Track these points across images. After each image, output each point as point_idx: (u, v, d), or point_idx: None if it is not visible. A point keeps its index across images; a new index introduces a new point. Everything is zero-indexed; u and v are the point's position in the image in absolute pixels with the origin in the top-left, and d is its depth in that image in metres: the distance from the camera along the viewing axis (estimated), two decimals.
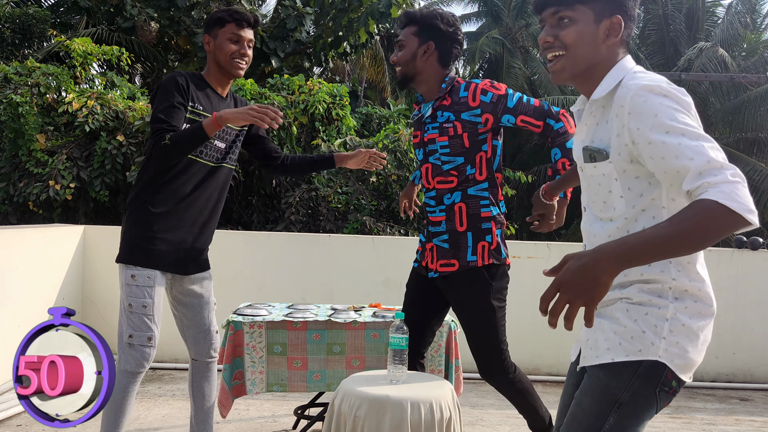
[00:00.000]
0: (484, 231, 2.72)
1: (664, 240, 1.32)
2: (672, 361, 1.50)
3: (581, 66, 1.58)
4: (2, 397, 3.96)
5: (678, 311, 1.51)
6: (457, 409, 2.47)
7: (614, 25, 1.56)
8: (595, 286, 1.32)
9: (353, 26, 11.45)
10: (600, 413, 1.53)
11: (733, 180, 1.31)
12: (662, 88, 1.44)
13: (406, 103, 21.27)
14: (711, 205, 1.29)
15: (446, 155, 2.73)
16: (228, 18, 2.71)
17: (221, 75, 2.77)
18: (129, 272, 2.64)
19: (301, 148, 7.76)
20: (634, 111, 1.44)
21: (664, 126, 1.40)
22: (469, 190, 2.72)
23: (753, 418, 4.46)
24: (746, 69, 16.33)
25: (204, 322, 2.88)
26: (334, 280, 5.22)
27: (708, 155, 1.35)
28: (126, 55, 8.78)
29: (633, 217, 1.53)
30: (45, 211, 7.06)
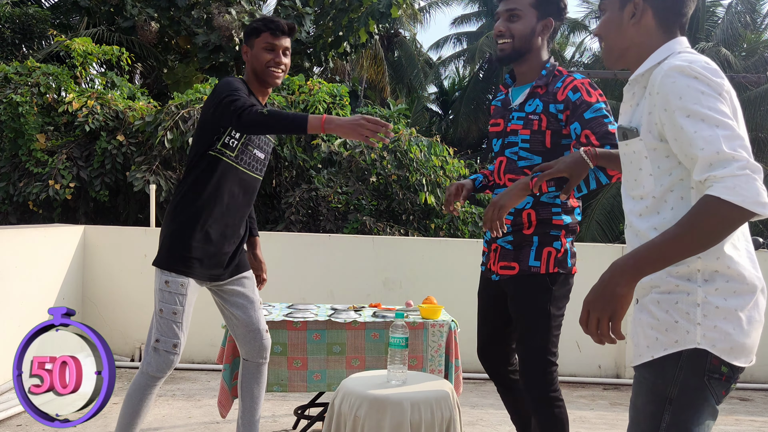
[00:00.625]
0: (552, 237, 2.46)
1: (672, 244, 1.35)
2: (714, 346, 1.44)
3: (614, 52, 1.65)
4: (2, 397, 3.96)
5: (708, 294, 1.45)
6: (457, 409, 2.47)
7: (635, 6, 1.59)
8: (613, 301, 1.37)
9: (353, 26, 11.45)
10: (655, 413, 1.49)
11: (740, 173, 1.31)
12: (693, 70, 1.43)
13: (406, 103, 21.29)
14: (713, 202, 1.31)
15: (525, 150, 2.47)
16: (263, 27, 2.70)
17: (259, 84, 2.76)
18: (164, 278, 2.63)
19: (301, 148, 7.77)
20: (662, 91, 1.45)
21: (686, 110, 1.41)
22: (542, 197, 2.44)
23: (753, 418, 4.46)
24: (746, 69, 16.33)
25: (252, 321, 2.86)
26: (334, 280, 5.22)
27: (718, 146, 1.34)
28: (126, 55, 8.78)
29: (662, 196, 1.51)
30: (45, 210, 7.07)
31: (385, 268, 5.24)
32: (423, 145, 7.29)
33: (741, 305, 1.46)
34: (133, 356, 5.17)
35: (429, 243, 5.64)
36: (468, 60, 23.40)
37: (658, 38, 1.59)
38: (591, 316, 1.41)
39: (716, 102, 1.40)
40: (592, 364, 5.23)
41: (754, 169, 1.32)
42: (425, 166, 7.22)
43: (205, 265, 2.68)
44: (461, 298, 5.10)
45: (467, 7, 24.29)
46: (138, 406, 2.63)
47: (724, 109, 1.40)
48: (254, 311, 2.87)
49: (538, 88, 2.47)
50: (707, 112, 1.39)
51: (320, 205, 7.25)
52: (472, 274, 5.24)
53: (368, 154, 7.13)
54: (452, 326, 3.44)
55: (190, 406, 4.14)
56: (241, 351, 2.92)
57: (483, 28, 23.26)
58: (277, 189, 7.86)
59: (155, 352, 2.61)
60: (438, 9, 24.38)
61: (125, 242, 5.21)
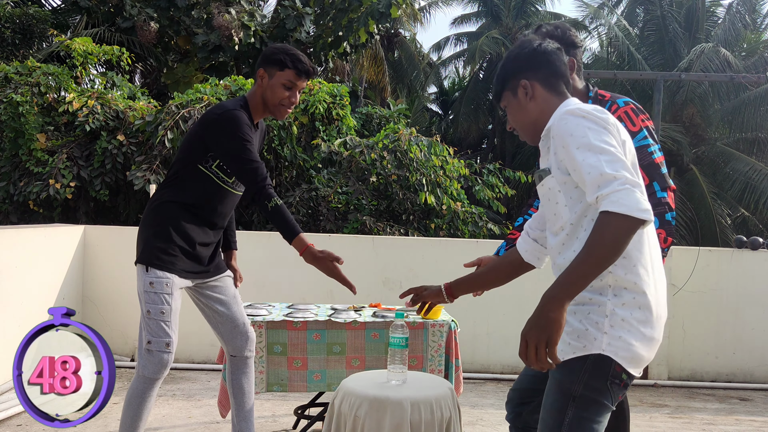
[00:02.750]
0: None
1: (585, 262, 1.53)
2: (617, 354, 1.63)
3: (528, 130, 1.89)
4: (2, 397, 3.96)
5: (616, 307, 1.65)
6: (457, 409, 2.47)
7: (524, 88, 1.84)
8: (548, 327, 1.52)
9: (353, 26, 11.45)
10: (560, 408, 1.68)
11: (620, 188, 1.53)
12: (581, 110, 1.69)
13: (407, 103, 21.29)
14: (604, 216, 1.53)
15: None
16: (290, 64, 2.69)
17: (264, 110, 2.79)
18: (147, 279, 2.65)
19: (301, 147, 7.77)
20: (557, 133, 1.70)
21: (576, 143, 1.64)
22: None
23: (753, 418, 4.46)
24: (746, 69, 16.32)
25: (236, 316, 2.90)
26: (334, 280, 5.21)
27: (601, 169, 1.57)
28: (126, 55, 8.79)
29: (577, 222, 1.71)
30: (45, 210, 7.07)
31: (385, 268, 5.24)
32: (423, 145, 7.29)
33: (644, 320, 1.66)
34: (132, 356, 5.17)
35: (429, 243, 5.63)
36: (468, 60, 23.38)
37: (553, 101, 1.84)
38: (529, 345, 1.55)
39: (601, 134, 1.64)
40: None
41: (634, 184, 1.54)
42: (425, 166, 7.21)
43: (187, 264, 2.71)
44: (461, 298, 5.10)
45: (467, 7, 24.28)
46: (139, 410, 2.64)
47: (609, 139, 1.63)
48: (236, 305, 2.91)
49: None
50: (593, 143, 1.62)
51: (320, 205, 7.25)
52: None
53: (368, 154, 7.13)
54: (452, 326, 3.44)
55: (190, 406, 4.14)
56: (227, 348, 2.93)
57: (483, 28, 23.25)
58: (277, 189, 7.86)
59: (149, 353, 2.62)
60: (438, 9, 24.42)
61: (125, 242, 5.21)
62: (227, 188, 2.76)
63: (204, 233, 2.76)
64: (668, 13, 17.57)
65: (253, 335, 2.96)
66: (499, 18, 22.50)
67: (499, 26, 22.17)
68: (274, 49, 2.75)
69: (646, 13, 18.80)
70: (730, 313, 5.28)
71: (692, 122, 16.66)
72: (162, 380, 2.70)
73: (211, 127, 2.65)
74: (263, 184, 2.58)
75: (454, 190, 7.47)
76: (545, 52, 1.85)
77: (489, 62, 21.96)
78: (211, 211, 2.75)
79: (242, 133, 2.62)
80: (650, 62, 17.23)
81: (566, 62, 1.89)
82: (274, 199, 2.57)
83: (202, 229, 2.75)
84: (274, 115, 2.77)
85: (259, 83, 2.75)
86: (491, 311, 5.22)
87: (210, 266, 2.83)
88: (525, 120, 1.87)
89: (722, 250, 5.54)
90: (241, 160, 2.60)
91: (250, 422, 2.94)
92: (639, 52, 17.23)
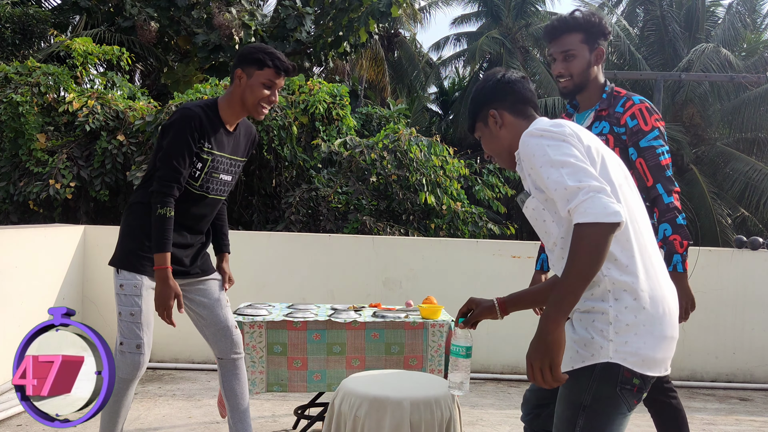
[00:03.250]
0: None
1: (571, 277, 1.55)
2: (625, 360, 1.63)
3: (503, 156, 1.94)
4: (2, 397, 3.97)
5: (619, 313, 1.64)
6: (457, 409, 2.47)
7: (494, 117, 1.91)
8: (548, 349, 1.55)
9: (353, 26, 11.45)
10: (570, 417, 1.69)
11: (585, 197, 1.55)
12: (538, 130, 1.73)
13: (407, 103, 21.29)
14: (577, 229, 1.55)
15: None
16: (269, 63, 2.66)
17: (241, 111, 2.74)
18: (118, 281, 2.67)
19: (301, 147, 7.77)
20: (523, 156, 1.75)
21: (538, 162, 1.69)
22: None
23: (753, 418, 4.47)
24: (746, 69, 16.32)
25: (219, 320, 2.89)
26: (334, 280, 5.22)
27: (564, 183, 1.60)
28: (126, 55, 8.79)
29: (567, 234, 1.72)
30: (45, 210, 7.07)
31: (385, 268, 5.24)
32: (423, 145, 7.29)
33: (651, 321, 1.65)
34: None
35: (429, 243, 5.64)
36: (468, 60, 23.37)
37: (523, 125, 1.88)
38: (534, 368, 1.58)
39: (560, 148, 1.67)
40: None
41: (597, 189, 1.56)
42: (425, 166, 7.22)
43: None
44: (461, 298, 5.10)
45: (467, 7, 24.27)
46: (116, 411, 2.68)
47: (568, 150, 1.66)
48: (221, 309, 2.90)
49: (602, 111, 2.66)
50: (553, 158, 1.65)
51: (320, 205, 7.25)
52: (472, 274, 5.26)
53: (368, 154, 7.13)
54: (452, 326, 3.44)
55: (190, 406, 4.14)
56: (213, 350, 2.93)
57: (483, 28, 23.24)
58: (277, 189, 7.86)
59: (121, 354, 2.65)
60: (438, 9, 24.38)
61: None
62: (195, 191, 2.72)
63: (179, 235, 2.73)
64: (668, 13, 17.57)
65: (239, 338, 2.94)
66: (499, 18, 22.49)
67: (499, 26, 22.16)
68: (251, 48, 2.72)
69: (646, 13, 18.79)
70: (730, 313, 5.28)
71: (692, 122, 16.67)
72: (137, 380, 2.73)
73: (163, 129, 2.67)
74: (163, 188, 2.57)
75: (454, 190, 7.48)
76: (509, 81, 1.94)
77: (489, 62, 21.95)
78: (182, 214, 2.71)
79: (175, 132, 2.60)
80: (650, 62, 17.23)
81: (531, 88, 1.95)
82: (167, 208, 2.56)
83: (178, 232, 2.71)
84: (252, 114, 2.73)
85: (237, 83, 2.70)
86: None
87: (191, 267, 2.81)
88: (499, 147, 1.94)
89: (722, 250, 5.54)
90: (162, 159, 2.60)
91: (247, 423, 2.93)
92: (639, 52, 17.23)
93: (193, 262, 2.83)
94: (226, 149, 2.76)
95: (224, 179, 2.80)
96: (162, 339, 5.19)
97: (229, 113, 2.74)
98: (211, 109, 2.72)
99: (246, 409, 2.95)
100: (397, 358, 3.41)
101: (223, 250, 3.05)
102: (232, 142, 2.80)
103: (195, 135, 2.62)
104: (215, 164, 2.72)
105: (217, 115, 2.72)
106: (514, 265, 5.23)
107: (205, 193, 2.75)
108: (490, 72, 2.00)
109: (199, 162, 2.66)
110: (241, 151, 2.86)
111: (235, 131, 2.82)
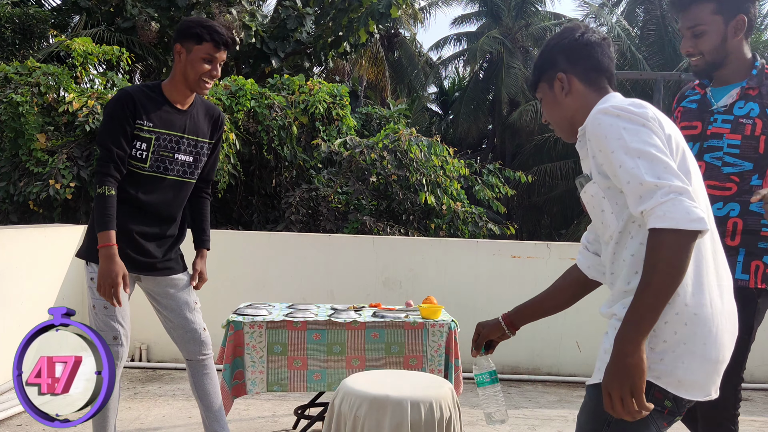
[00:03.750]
0: (762, 250, 2.26)
1: (646, 293, 1.38)
2: (659, 378, 1.46)
3: (564, 126, 1.74)
4: (2, 397, 3.96)
5: (657, 327, 1.45)
6: (457, 409, 2.47)
7: (561, 81, 1.70)
8: (629, 374, 1.37)
9: (353, 26, 11.45)
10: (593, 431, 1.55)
11: (665, 199, 1.37)
12: (615, 108, 1.51)
13: (407, 103, 21.28)
14: (655, 234, 1.37)
15: (732, 156, 2.26)
16: (207, 37, 2.62)
17: (185, 88, 2.71)
18: (89, 274, 2.65)
19: (301, 147, 7.77)
20: (592, 135, 1.53)
21: (611, 146, 1.47)
22: (751, 205, 2.23)
23: (753, 418, 4.46)
24: None
25: (186, 323, 2.85)
26: (334, 280, 5.22)
27: (641, 177, 1.41)
28: (126, 55, 8.79)
29: (624, 229, 1.55)
30: (45, 210, 7.07)
31: (385, 268, 5.25)
32: (423, 145, 7.29)
33: (692, 338, 1.46)
34: (132, 356, 5.17)
35: (429, 243, 5.64)
36: (468, 60, 23.40)
37: (592, 97, 1.68)
38: (613, 398, 1.40)
39: (639, 133, 1.46)
40: (591, 364, 5.21)
41: (680, 190, 1.37)
42: (425, 166, 7.22)
43: (126, 254, 2.66)
44: (461, 298, 5.11)
45: (467, 7, 24.30)
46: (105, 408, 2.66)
47: (648, 138, 1.45)
48: (189, 311, 2.86)
49: (750, 90, 2.28)
50: (630, 145, 1.44)
51: (320, 205, 7.26)
52: (472, 274, 5.26)
53: (368, 154, 7.14)
54: (452, 326, 3.44)
55: (190, 406, 4.14)
56: (182, 352, 2.90)
57: (483, 28, 23.26)
58: (277, 189, 7.86)
59: None
60: (438, 9, 24.43)
61: None
62: (145, 173, 2.67)
63: (143, 223, 2.70)
64: (668, 13, 17.57)
65: (208, 338, 2.91)
66: (499, 18, 22.51)
67: (500, 26, 22.18)
68: (189, 22, 2.68)
69: (646, 13, 18.81)
70: None
71: None
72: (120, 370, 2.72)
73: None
74: (100, 168, 2.57)
75: (454, 190, 7.48)
76: (587, 44, 1.68)
77: (489, 62, 21.97)
78: (142, 200, 2.68)
79: (107, 113, 2.60)
80: (650, 62, 17.24)
81: (611, 55, 1.70)
82: (105, 187, 2.54)
83: (140, 219, 2.69)
84: (195, 90, 2.70)
85: (177, 59, 2.67)
86: (491, 311, 5.20)
87: (160, 261, 2.77)
88: (560, 116, 1.73)
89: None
90: (97, 140, 2.62)
91: (222, 421, 2.91)
92: (639, 52, 17.24)
93: (163, 255, 2.78)
94: (175, 128, 2.70)
95: (183, 159, 2.75)
96: (162, 339, 5.18)
97: (174, 92, 2.71)
98: (152, 89, 2.70)
99: (220, 408, 2.92)
100: (397, 358, 3.41)
101: (200, 246, 2.99)
102: (187, 121, 2.75)
103: (126, 113, 2.59)
104: (162, 143, 2.68)
105: (159, 94, 2.69)
106: (514, 265, 5.23)
107: (162, 174, 2.70)
108: (569, 27, 1.75)
109: (142, 142, 2.63)
110: (202, 131, 2.81)
111: (191, 110, 2.77)
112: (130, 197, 2.67)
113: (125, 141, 2.60)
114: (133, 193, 2.67)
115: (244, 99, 7.48)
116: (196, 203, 2.98)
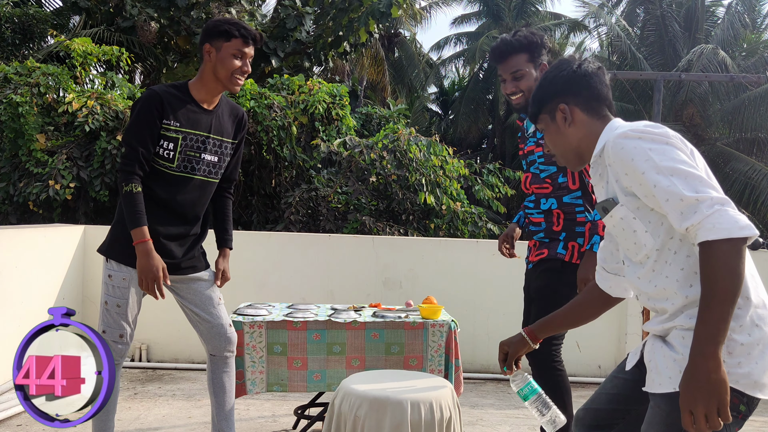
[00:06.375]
0: (578, 234, 2.84)
1: (713, 306, 1.39)
2: (738, 382, 1.47)
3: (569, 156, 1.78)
4: (2, 397, 3.96)
5: (733, 332, 1.47)
6: (457, 409, 2.47)
7: (563, 112, 1.74)
8: (715, 389, 1.38)
9: (353, 26, 11.44)
10: None
11: (710, 212, 1.40)
12: (635, 131, 1.55)
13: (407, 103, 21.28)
14: (707, 247, 1.40)
15: (542, 164, 2.90)
16: (236, 33, 2.66)
17: (216, 86, 2.73)
18: (107, 271, 2.67)
19: (301, 147, 7.77)
20: (616, 160, 1.56)
21: (640, 167, 1.51)
22: (564, 198, 2.85)
23: (753, 418, 4.43)
24: (746, 69, 16.33)
25: (211, 318, 2.87)
26: (334, 280, 5.22)
27: (680, 194, 1.43)
28: (126, 55, 8.78)
29: (663, 246, 1.56)
30: (45, 210, 7.06)
31: (385, 268, 5.25)
32: (422, 144, 7.29)
33: (764, 340, 1.49)
34: (132, 356, 5.17)
35: (429, 243, 5.64)
36: (468, 60, 23.39)
37: (596, 125, 1.73)
38: (697, 415, 1.39)
39: (665, 152, 1.50)
40: (592, 364, 5.23)
41: (722, 202, 1.41)
42: (425, 166, 7.22)
43: None
44: (461, 298, 5.11)
45: (467, 7, 24.30)
46: None
47: (675, 155, 1.49)
48: (213, 307, 2.87)
49: None
50: (660, 164, 1.48)
51: (320, 205, 7.25)
52: (472, 274, 5.26)
53: (368, 154, 7.14)
54: (452, 326, 3.44)
55: (190, 406, 4.14)
56: (206, 347, 2.92)
57: (483, 28, 23.26)
58: (277, 189, 7.86)
59: None
60: (438, 9, 24.40)
61: None
62: (173, 173, 2.69)
63: (169, 223, 2.72)
64: (668, 13, 17.58)
65: (234, 336, 2.93)
66: (499, 18, 22.51)
67: (500, 26, 22.18)
68: (215, 21, 2.73)
69: (646, 13, 18.81)
70: None
71: (692, 122, 16.67)
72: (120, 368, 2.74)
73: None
74: (124, 166, 2.60)
75: (453, 190, 7.48)
76: (585, 74, 1.73)
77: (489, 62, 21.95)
78: (169, 200, 2.70)
79: (136, 112, 2.63)
80: (650, 62, 17.24)
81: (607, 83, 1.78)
82: (132, 185, 2.58)
83: (166, 219, 2.71)
84: (228, 88, 2.72)
85: (207, 59, 2.70)
86: (491, 311, 5.22)
87: (182, 260, 2.78)
88: (565, 146, 1.76)
89: None
90: (123, 139, 2.64)
91: (231, 422, 2.93)
92: (639, 52, 17.24)
93: (185, 254, 2.79)
94: (201, 128, 2.72)
95: (209, 159, 2.77)
96: (162, 339, 5.19)
97: (203, 91, 2.73)
98: (180, 88, 2.72)
99: (231, 409, 2.93)
100: (397, 358, 3.41)
101: (222, 245, 3.02)
102: (214, 121, 2.77)
103: (154, 113, 2.61)
104: (190, 143, 2.69)
105: (186, 94, 2.71)
106: (514, 265, 5.22)
107: (189, 174, 2.72)
108: (565, 59, 1.79)
109: (169, 142, 2.65)
110: (227, 131, 2.83)
111: (216, 110, 2.79)
112: (157, 197, 2.68)
113: (151, 140, 2.63)
114: (160, 193, 2.69)
115: (244, 99, 7.48)
116: (219, 203, 3.00)
